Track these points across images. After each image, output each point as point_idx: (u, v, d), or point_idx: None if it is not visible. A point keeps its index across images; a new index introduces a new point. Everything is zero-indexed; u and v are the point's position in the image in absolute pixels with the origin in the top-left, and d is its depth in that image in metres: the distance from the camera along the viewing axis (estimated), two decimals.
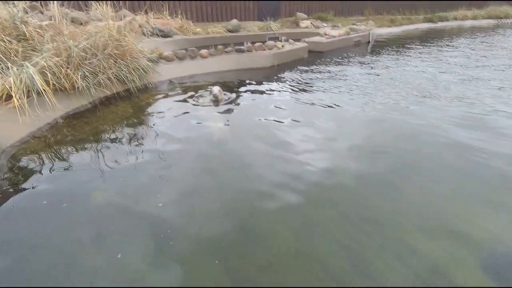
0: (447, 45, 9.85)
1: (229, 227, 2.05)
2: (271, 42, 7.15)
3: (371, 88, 5.20)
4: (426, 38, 11.54)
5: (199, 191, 2.45)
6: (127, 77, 4.65)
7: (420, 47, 9.59)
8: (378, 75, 6.06)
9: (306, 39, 8.56)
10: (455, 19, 17.27)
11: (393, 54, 8.35)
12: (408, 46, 9.81)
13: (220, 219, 2.13)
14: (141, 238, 1.96)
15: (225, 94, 4.64)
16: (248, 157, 2.98)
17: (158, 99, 4.66)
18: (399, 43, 10.33)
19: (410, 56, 8.10)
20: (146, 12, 8.45)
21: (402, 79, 5.72)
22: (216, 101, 4.39)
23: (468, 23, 17.00)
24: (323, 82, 5.63)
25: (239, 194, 2.42)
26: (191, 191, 2.45)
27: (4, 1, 4.83)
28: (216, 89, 4.45)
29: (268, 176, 2.61)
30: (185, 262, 1.77)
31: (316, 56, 7.99)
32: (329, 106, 4.31)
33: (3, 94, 3.37)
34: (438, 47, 9.57)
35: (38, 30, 4.41)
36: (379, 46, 9.71)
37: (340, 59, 7.71)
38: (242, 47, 6.74)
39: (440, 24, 16.13)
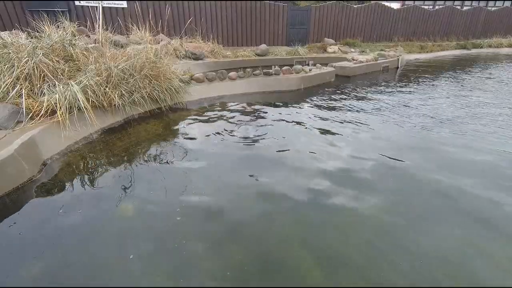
0: (477, 72, 9.48)
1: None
2: (298, 66, 7.27)
3: (392, 112, 5.17)
4: (458, 65, 11.21)
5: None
6: (159, 96, 4.88)
7: (449, 74, 9.31)
8: (403, 102, 5.92)
9: (333, 64, 8.62)
10: (490, 46, 16.73)
11: (420, 81, 8.15)
12: (436, 72, 9.57)
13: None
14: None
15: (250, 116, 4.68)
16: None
17: (188, 118, 4.82)
18: (428, 70, 10.10)
19: (437, 83, 7.88)
20: (181, 37, 8.98)
21: (424, 106, 5.58)
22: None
23: (504, 50, 16.36)
24: (347, 104, 5.65)
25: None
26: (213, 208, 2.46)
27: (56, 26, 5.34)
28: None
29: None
30: None
31: (342, 80, 8.00)
32: (348, 122, 4.26)
33: (48, 109, 3.65)
34: (465, 74, 9.24)
35: (84, 52, 4.79)
36: (407, 72, 9.56)
37: (366, 83, 7.66)
38: (270, 70, 6.90)
39: (474, 51, 15.67)
